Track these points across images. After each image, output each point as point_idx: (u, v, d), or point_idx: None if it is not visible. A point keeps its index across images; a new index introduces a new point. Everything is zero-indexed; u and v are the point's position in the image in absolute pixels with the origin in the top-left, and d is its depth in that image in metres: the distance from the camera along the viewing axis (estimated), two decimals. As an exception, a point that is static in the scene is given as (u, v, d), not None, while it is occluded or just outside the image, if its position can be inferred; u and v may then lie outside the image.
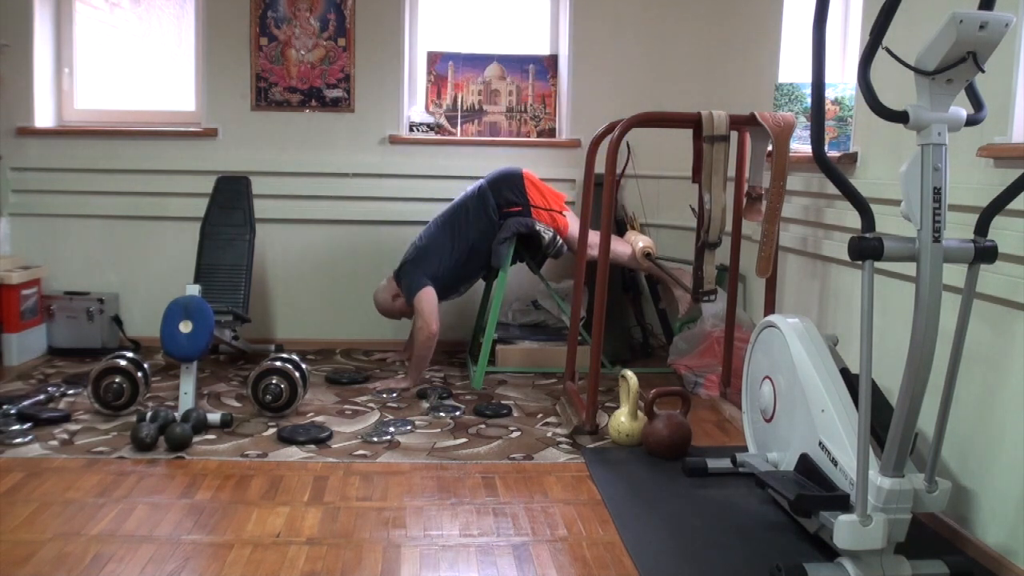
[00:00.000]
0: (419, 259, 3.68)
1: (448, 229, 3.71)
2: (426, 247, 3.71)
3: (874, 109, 1.76)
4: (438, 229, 3.74)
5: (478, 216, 3.70)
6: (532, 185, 3.75)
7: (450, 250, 3.68)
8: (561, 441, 2.96)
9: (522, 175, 3.76)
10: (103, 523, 2.25)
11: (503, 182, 3.75)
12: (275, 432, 2.97)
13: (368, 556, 2.10)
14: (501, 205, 3.71)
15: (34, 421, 3.00)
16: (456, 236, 3.69)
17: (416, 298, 3.58)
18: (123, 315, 4.17)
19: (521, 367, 3.87)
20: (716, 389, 3.46)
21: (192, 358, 3.04)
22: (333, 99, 4.17)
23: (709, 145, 2.89)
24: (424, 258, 3.68)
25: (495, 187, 3.74)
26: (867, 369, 1.82)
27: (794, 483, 2.16)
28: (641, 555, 2.12)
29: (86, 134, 4.14)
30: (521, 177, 3.76)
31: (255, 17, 4.11)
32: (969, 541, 2.16)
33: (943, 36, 1.69)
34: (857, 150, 2.82)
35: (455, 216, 3.73)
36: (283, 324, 4.28)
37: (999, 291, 2.08)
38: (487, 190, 3.74)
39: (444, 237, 3.70)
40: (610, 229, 2.93)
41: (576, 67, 4.23)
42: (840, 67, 3.27)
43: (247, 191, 3.88)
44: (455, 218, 3.73)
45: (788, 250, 3.30)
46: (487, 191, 3.74)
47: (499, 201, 3.71)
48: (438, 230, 3.73)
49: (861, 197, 1.85)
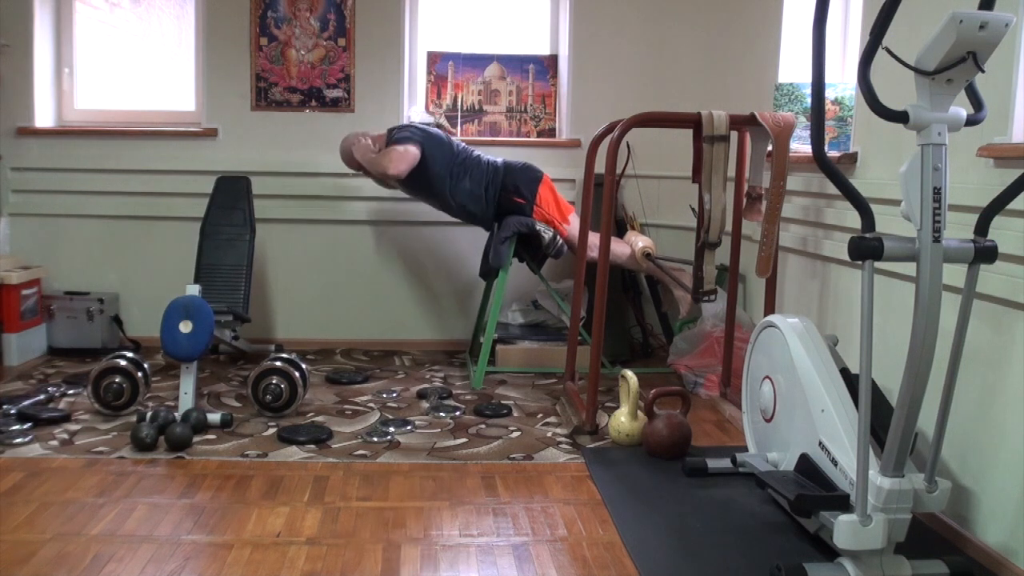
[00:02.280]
0: (416, 132, 3.70)
1: (453, 154, 3.73)
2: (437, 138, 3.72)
3: (874, 109, 1.76)
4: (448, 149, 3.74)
5: (478, 175, 3.72)
6: (547, 189, 3.76)
7: (446, 174, 3.69)
8: (561, 441, 2.96)
9: (542, 176, 3.79)
10: (103, 523, 2.25)
11: (521, 171, 3.78)
12: (275, 432, 2.97)
13: (368, 556, 2.10)
14: (508, 189, 3.71)
15: (34, 421, 3.00)
16: (455, 166, 3.71)
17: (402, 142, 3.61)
18: (123, 315, 4.17)
19: (521, 367, 3.87)
20: (716, 389, 3.46)
21: (192, 358, 3.03)
22: (333, 99, 4.17)
23: (709, 145, 2.89)
24: (431, 141, 3.68)
25: (510, 170, 3.77)
26: (867, 369, 1.82)
27: (794, 483, 2.16)
28: (641, 555, 2.12)
29: (86, 134, 4.14)
30: (540, 177, 3.78)
31: (255, 17, 4.11)
32: (969, 541, 2.16)
33: (943, 36, 1.68)
34: (857, 150, 2.82)
35: (466, 155, 3.77)
36: (283, 324, 4.28)
37: (999, 291, 2.08)
38: (500, 167, 3.77)
39: (448, 157, 3.71)
40: (610, 229, 2.93)
41: (576, 67, 4.23)
42: (840, 67, 3.27)
43: (247, 191, 3.88)
44: (465, 156, 3.76)
45: (788, 250, 3.30)
46: (500, 168, 3.77)
47: (508, 184, 3.72)
48: (447, 150, 3.74)
49: (861, 197, 1.85)
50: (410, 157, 3.59)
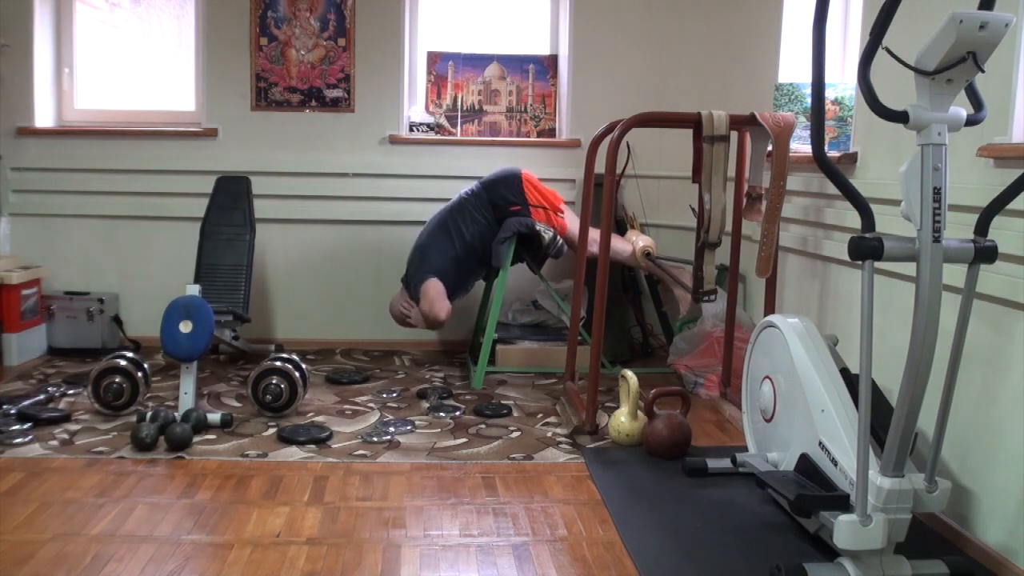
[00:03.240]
0: (423, 260, 3.71)
1: (446, 228, 3.74)
2: (427, 246, 3.73)
3: (874, 109, 1.76)
4: (436, 228, 3.77)
5: (472, 217, 3.73)
6: (530, 185, 3.76)
7: (450, 248, 3.70)
8: (561, 441, 2.96)
9: (520, 175, 3.78)
10: (103, 523, 2.25)
11: (500, 183, 3.78)
12: (275, 432, 2.97)
13: (368, 556, 2.10)
14: (500, 205, 3.73)
15: (34, 421, 3.00)
16: (454, 235, 3.72)
17: (423, 287, 3.62)
18: (123, 315, 4.17)
19: (521, 367, 3.87)
20: (716, 389, 3.46)
21: (192, 358, 3.03)
22: (333, 99, 4.17)
23: (709, 145, 2.89)
24: (427, 258, 3.70)
25: (491, 188, 3.77)
26: (867, 369, 1.82)
27: (794, 483, 2.16)
28: (641, 555, 2.12)
29: (86, 134, 4.14)
30: (519, 177, 3.77)
31: (255, 17, 4.11)
32: (969, 541, 2.16)
33: (943, 36, 1.68)
34: (857, 150, 2.82)
35: (452, 216, 3.77)
36: (283, 324, 4.28)
37: (999, 291, 2.08)
38: (482, 191, 3.78)
39: (443, 236, 3.73)
40: (610, 229, 2.93)
41: (576, 67, 4.23)
42: (840, 67, 3.27)
43: (247, 191, 3.88)
44: (452, 217, 3.76)
45: (788, 250, 3.30)
46: (482, 192, 3.78)
47: (497, 201, 3.73)
48: (436, 229, 3.76)
49: (861, 197, 1.85)
50: (434, 292, 3.60)
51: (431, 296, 3.60)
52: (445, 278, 3.66)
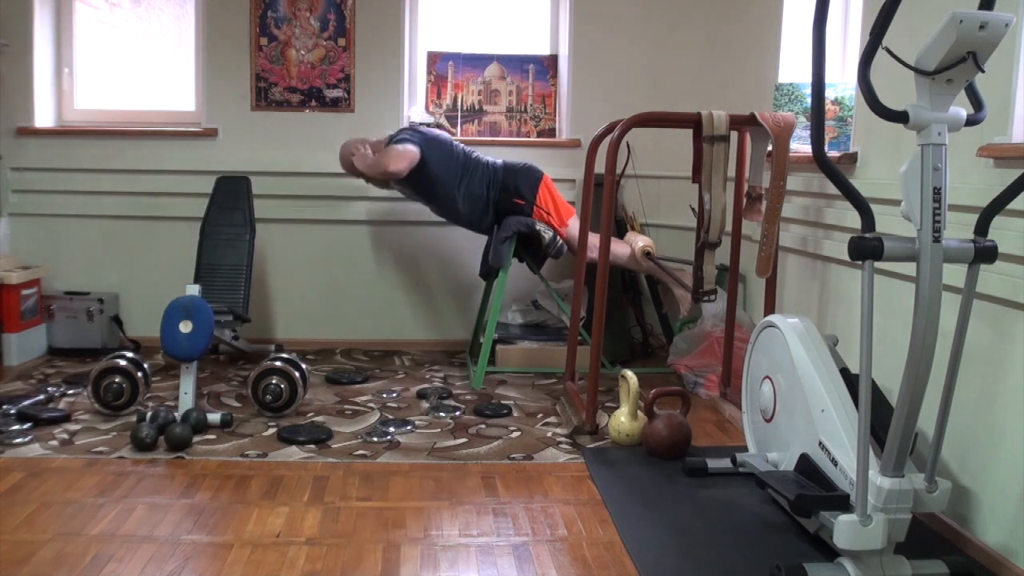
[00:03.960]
0: (425, 137, 3.70)
1: (453, 158, 3.73)
2: (437, 140, 3.73)
3: (874, 109, 1.76)
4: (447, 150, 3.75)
5: (478, 179, 3.73)
6: (546, 189, 3.77)
7: (448, 168, 3.69)
8: (561, 441, 2.96)
9: (542, 176, 3.80)
10: (103, 523, 2.25)
11: (521, 172, 3.79)
12: (275, 432, 2.97)
13: (368, 556, 2.10)
14: (509, 190, 3.73)
15: (34, 421, 3.00)
16: (456, 170, 3.72)
17: (397, 144, 3.61)
18: (123, 315, 4.17)
19: (521, 367, 3.87)
20: (716, 389, 3.46)
21: (192, 358, 3.03)
22: (333, 99, 4.17)
23: (709, 145, 2.89)
24: (431, 143, 3.69)
25: (510, 171, 3.79)
26: (867, 369, 1.82)
27: (794, 483, 2.16)
28: (641, 555, 2.12)
29: (86, 134, 4.14)
30: (540, 177, 3.79)
31: (255, 17, 4.11)
32: (969, 541, 2.16)
33: (943, 36, 1.68)
34: (857, 150, 2.82)
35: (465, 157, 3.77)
36: (283, 324, 4.28)
37: (999, 291, 2.08)
38: (500, 169, 3.79)
39: (449, 160, 3.72)
40: (610, 229, 2.93)
41: (576, 67, 4.23)
42: (840, 67, 3.27)
43: (247, 191, 3.88)
44: (464, 158, 3.76)
45: (788, 250, 3.30)
46: (500, 170, 3.78)
47: (508, 186, 3.73)
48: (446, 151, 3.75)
49: (861, 197, 1.85)
50: (409, 156, 3.59)
51: (399, 151, 3.56)
52: (425, 160, 3.62)
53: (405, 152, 3.58)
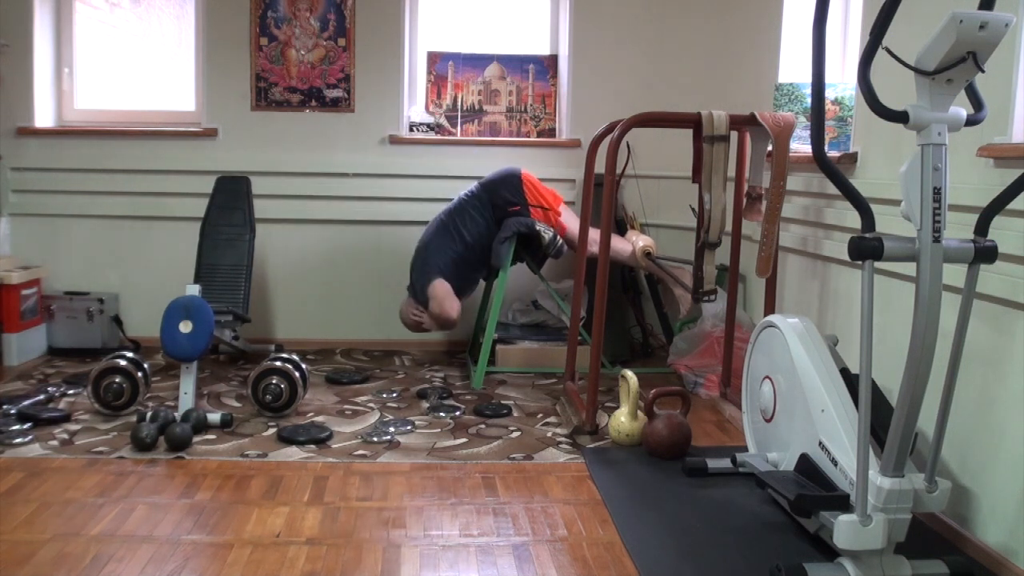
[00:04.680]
0: (425, 263, 3.72)
1: (446, 230, 3.75)
2: (428, 249, 3.74)
3: (874, 109, 1.76)
4: (437, 230, 3.77)
5: (472, 218, 3.74)
6: (530, 185, 3.77)
7: (452, 249, 3.71)
8: (561, 441, 2.96)
9: (519, 175, 3.79)
10: (103, 523, 2.25)
11: (500, 183, 3.78)
12: (275, 432, 2.97)
13: (368, 556, 2.10)
14: (500, 205, 3.73)
15: (34, 421, 3.00)
16: (455, 236, 3.72)
17: (430, 288, 3.64)
18: (123, 315, 4.17)
19: (521, 367, 3.87)
20: (716, 389, 3.46)
21: (192, 358, 3.03)
22: (333, 99, 4.17)
23: (709, 145, 2.89)
24: (429, 260, 3.71)
25: (491, 188, 3.78)
26: (867, 369, 1.82)
27: (794, 483, 2.16)
28: (641, 555, 2.12)
29: (86, 134, 4.14)
30: (518, 177, 3.78)
31: (255, 17, 4.11)
32: (969, 541, 2.16)
33: (943, 36, 1.68)
34: (857, 150, 2.82)
35: (452, 217, 3.77)
36: (283, 324, 4.28)
37: (999, 291, 2.08)
38: (481, 192, 3.78)
39: (444, 237, 3.73)
40: (610, 229, 2.93)
41: (576, 67, 4.23)
42: (840, 67, 3.27)
43: (247, 191, 3.88)
44: (452, 219, 3.77)
45: (788, 250, 3.30)
46: (481, 193, 3.78)
47: (497, 201, 3.74)
48: (437, 231, 3.77)
49: (861, 197, 1.85)
50: (442, 292, 3.63)
51: (439, 296, 3.61)
52: (448, 278, 3.67)
53: (445, 294, 3.62)
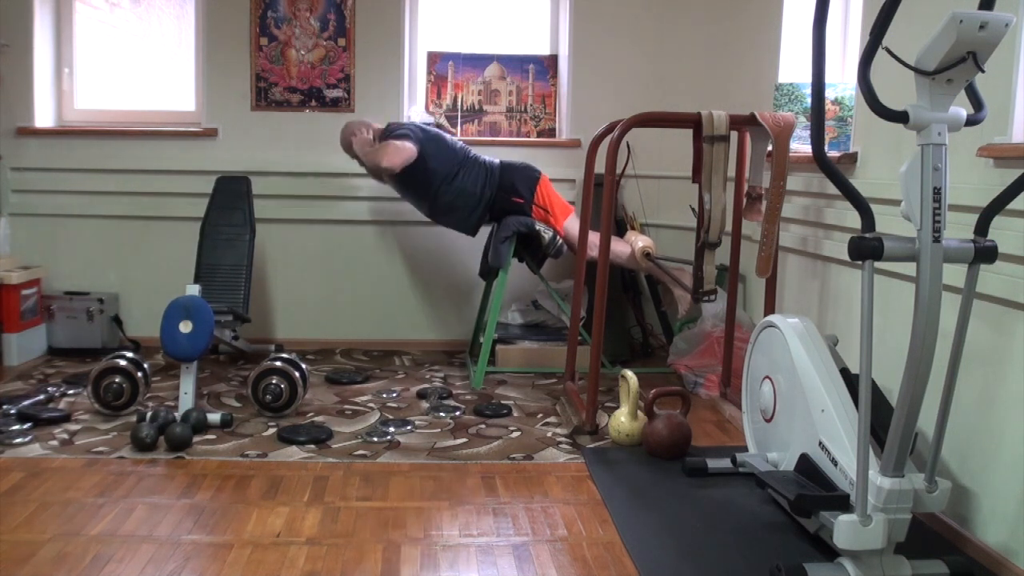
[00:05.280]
0: (424, 134, 3.69)
1: (460, 155, 3.74)
2: (435, 137, 3.72)
3: (874, 109, 1.76)
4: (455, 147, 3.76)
5: (474, 175, 3.72)
6: (544, 188, 3.77)
7: (446, 169, 3.68)
8: (561, 441, 2.96)
9: (540, 174, 3.81)
10: (103, 523, 2.25)
11: (518, 171, 3.79)
12: (275, 432, 2.97)
13: (368, 556, 2.10)
14: (506, 188, 3.72)
15: (34, 421, 3.00)
16: (455, 168, 3.71)
17: (396, 139, 3.59)
18: (123, 315, 4.17)
19: (521, 367, 3.87)
20: (716, 389, 3.46)
21: (192, 358, 3.03)
22: (333, 99, 4.17)
23: (709, 145, 2.89)
24: (428, 139, 3.68)
25: (508, 170, 3.79)
26: (867, 369, 1.82)
27: (794, 483, 2.16)
28: (641, 555, 2.12)
29: (86, 134, 4.14)
30: (538, 175, 3.80)
31: (255, 17, 4.11)
32: (969, 541, 2.16)
33: (943, 36, 1.68)
34: (857, 150, 2.82)
35: (465, 155, 3.76)
36: (283, 324, 4.28)
37: (999, 291, 2.08)
38: (497, 168, 3.78)
39: (453, 159, 3.71)
40: (610, 229, 2.93)
41: (576, 67, 4.23)
42: (840, 67, 3.27)
43: (247, 191, 3.87)
44: (464, 155, 3.76)
45: (788, 250, 3.30)
46: (496, 168, 3.78)
47: (505, 184, 3.73)
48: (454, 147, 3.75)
49: (861, 197, 1.85)
50: (406, 153, 3.58)
51: (393, 147, 3.55)
52: (424, 160, 3.61)
53: (402, 148, 3.58)
